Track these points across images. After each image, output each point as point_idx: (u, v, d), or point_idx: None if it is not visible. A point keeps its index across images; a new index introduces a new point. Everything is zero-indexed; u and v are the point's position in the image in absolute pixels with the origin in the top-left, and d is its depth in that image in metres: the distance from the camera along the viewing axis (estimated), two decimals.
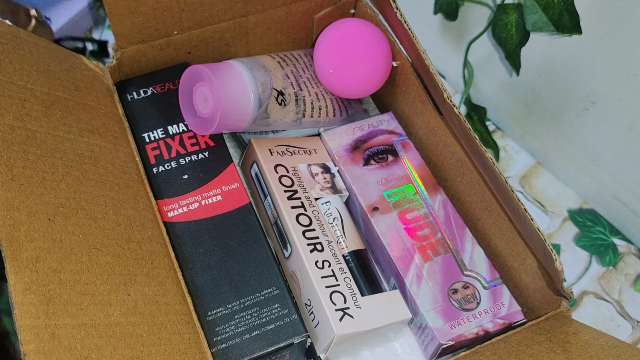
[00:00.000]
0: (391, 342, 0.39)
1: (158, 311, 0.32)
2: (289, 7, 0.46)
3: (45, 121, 0.35)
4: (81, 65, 0.40)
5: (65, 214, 0.33)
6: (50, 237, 0.31)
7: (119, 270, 0.33)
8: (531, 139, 0.52)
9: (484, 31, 0.50)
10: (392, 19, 0.44)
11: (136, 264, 0.33)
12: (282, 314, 0.35)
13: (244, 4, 0.43)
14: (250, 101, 0.39)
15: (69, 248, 0.32)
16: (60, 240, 0.32)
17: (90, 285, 0.31)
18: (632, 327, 0.45)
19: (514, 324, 0.37)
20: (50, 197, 0.33)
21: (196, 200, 0.38)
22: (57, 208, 0.33)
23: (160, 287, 0.33)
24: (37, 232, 0.31)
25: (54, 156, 0.34)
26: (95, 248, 0.33)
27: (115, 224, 0.34)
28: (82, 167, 0.35)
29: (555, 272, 0.33)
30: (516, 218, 0.36)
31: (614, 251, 0.49)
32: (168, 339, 0.32)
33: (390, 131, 0.44)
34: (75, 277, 0.31)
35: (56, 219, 0.32)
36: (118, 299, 0.31)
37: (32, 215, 0.31)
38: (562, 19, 0.43)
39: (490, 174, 0.36)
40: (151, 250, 0.34)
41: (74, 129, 0.36)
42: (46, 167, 0.33)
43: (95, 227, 0.33)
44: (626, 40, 0.41)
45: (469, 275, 0.38)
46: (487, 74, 0.52)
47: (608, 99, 0.44)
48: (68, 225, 0.32)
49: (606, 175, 0.48)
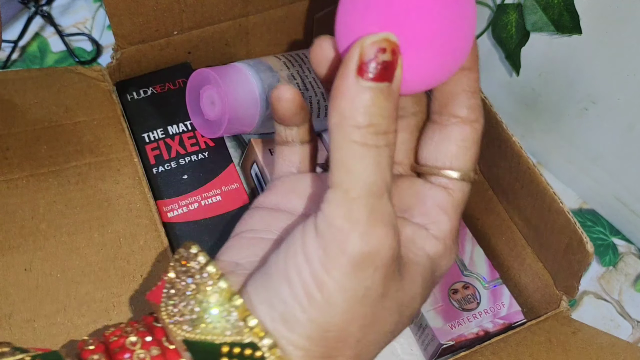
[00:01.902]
0: (391, 342, 0.39)
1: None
2: (289, 7, 0.46)
3: (28, 164, 0.36)
4: (73, 79, 0.40)
5: (43, 257, 0.34)
6: (25, 286, 0.32)
7: (100, 297, 0.33)
8: (531, 139, 0.52)
9: (484, 31, 0.50)
10: None
11: (121, 282, 0.33)
12: None
13: (244, 4, 0.43)
14: (258, 103, 0.39)
15: (45, 291, 0.32)
16: (36, 286, 0.33)
17: (66, 324, 0.32)
18: (632, 327, 0.45)
19: (513, 324, 0.37)
20: (28, 245, 0.34)
21: (196, 201, 0.38)
22: (35, 253, 0.34)
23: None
24: (12, 287, 0.32)
25: (35, 198, 0.35)
26: (75, 282, 0.33)
27: (100, 247, 0.34)
28: (67, 197, 0.35)
29: (583, 257, 0.32)
30: (534, 205, 0.35)
31: (614, 251, 0.49)
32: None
33: None
34: (50, 321, 0.32)
35: (33, 266, 0.33)
36: (97, 329, 0.32)
37: (8, 270, 0.33)
38: (562, 19, 0.43)
39: (516, 159, 0.36)
40: (142, 260, 0.34)
41: (60, 159, 0.37)
42: (25, 213, 0.34)
43: (76, 258, 0.34)
44: (626, 40, 0.41)
45: (469, 275, 0.38)
46: (486, 74, 0.52)
47: (608, 99, 0.44)
48: (45, 268, 0.33)
49: (606, 175, 0.48)
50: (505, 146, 0.36)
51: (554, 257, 0.36)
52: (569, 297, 0.36)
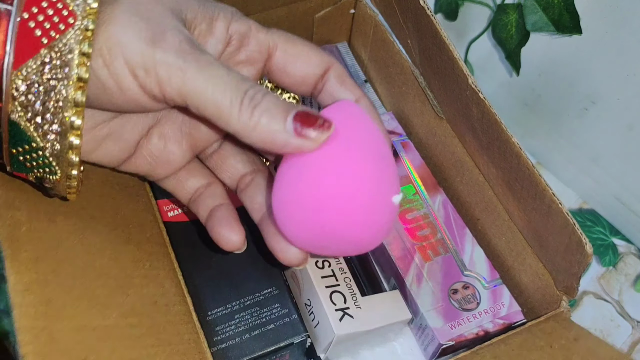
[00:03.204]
0: (391, 342, 0.39)
1: (157, 312, 0.32)
2: (289, 7, 0.46)
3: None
4: None
5: (66, 214, 0.33)
6: (50, 237, 0.31)
7: (115, 274, 0.33)
8: (531, 139, 0.52)
9: (484, 31, 0.50)
10: (392, 16, 0.44)
11: (134, 266, 0.33)
12: (282, 314, 0.35)
13: (244, 4, 0.43)
14: None
15: (66, 251, 0.32)
16: (59, 242, 0.32)
17: (86, 289, 0.31)
18: (632, 327, 0.45)
19: (513, 324, 0.37)
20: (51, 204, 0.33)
21: None
22: (58, 207, 0.33)
23: (159, 288, 0.33)
24: (38, 232, 0.31)
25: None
26: (91, 253, 0.33)
27: (113, 227, 0.34)
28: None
29: (583, 258, 0.33)
30: (534, 206, 0.35)
31: (614, 251, 0.49)
32: (167, 340, 0.32)
33: (391, 131, 0.44)
34: (72, 281, 0.31)
35: (57, 219, 0.32)
36: (116, 301, 0.31)
37: (33, 215, 0.31)
38: (562, 19, 0.43)
39: (515, 159, 0.36)
40: (150, 251, 0.34)
41: None
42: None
43: (93, 229, 0.33)
44: (626, 40, 0.41)
45: (469, 276, 0.38)
46: (487, 74, 0.52)
47: (608, 99, 0.44)
48: (68, 225, 0.32)
49: (606, 175, 0.48)
50: (505, 146, 0.36)
51: (554, 258, 0.36)
52: (569, 297, 0.36)
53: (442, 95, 0.41)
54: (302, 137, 0.25)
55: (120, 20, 0.25)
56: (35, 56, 0.24)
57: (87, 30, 0.24)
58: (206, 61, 0.25)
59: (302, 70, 0.30)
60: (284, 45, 0.30)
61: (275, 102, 0.25)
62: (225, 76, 0.25)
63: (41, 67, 0.24)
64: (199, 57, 0.25)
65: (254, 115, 0.25)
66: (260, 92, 0.25)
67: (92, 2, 0.24)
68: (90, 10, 0.24)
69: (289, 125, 0.25)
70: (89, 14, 0.24)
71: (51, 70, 0.24)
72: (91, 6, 0.24)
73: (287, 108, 0.25)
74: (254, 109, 0.25)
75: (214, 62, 0.25)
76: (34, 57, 0.24)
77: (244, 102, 0.25)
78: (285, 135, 0.25)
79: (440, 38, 0.37)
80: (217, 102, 0.25)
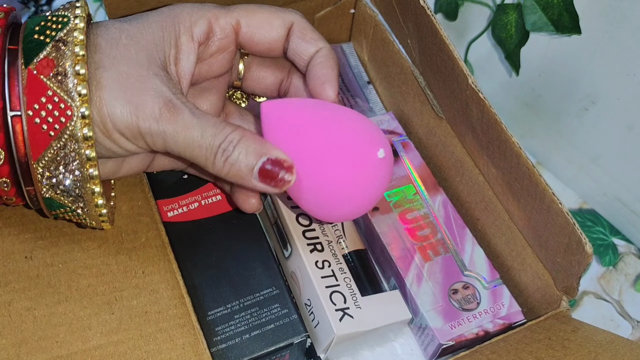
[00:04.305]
0: (391, 342, 0.39)
1: (146, 322, 0.32)
2: (289, 7, 0.46)
3: None
4: None
5: (45, 246, 0.34)
6: (25, 275, 0.32)
7: (102, 290, 0.33)
8: (531, 139, 0.52)
9: (484, 31, 0.50)
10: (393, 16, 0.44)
11: (124, 277, 0.33)
12: (282, 314, 0.35)
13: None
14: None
15: (46, 281, 0.32)
16: (37, 275, 0.32)
17: (67, 314, 0.32)
18: (632, 327, 0.45)
19: (514, 324, 0.37)
20: (29, 232, 0.34)
21: (196, 200, 0.38)
22: (36, 242, 0.34)
23: (151, 296, 0.33)
24: (12, 274, 0.32)
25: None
26: (76, 273, 0.33)
27: (102, 241, 0.34)
28: None
29: (582, 257, 0.33)
30: (533, 206, 0.36)
31: (614, 251, 0.49)
32: (157, 349, 0.32)
33: (391, 131, 0.44)
34: (51, 310, 0.32)
35: (33, 254, 0.33)
36: (99, 321, 0.32)
37: (8, 257, 0.32)
38: (561, 19, 0.43)
39: (515, 159, 0.36)
40: (144, 257, 0.35)
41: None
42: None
43: (78, 250, 0.34)
44: (626, 40, 0.41)
45: (469, 276, 0.38)
46: (486, 74, 0.52)
47: (608, 99, 0.44)
48: (47, 257, 0.33)
49: (606, 175, 0.48)
50: (505, 146, 0.36)
51: (554, 258, 0.36)
52: (569, 297, 0.36)
53: (442, 95, 0.41)
54: (266, 185, 0.30)
55: (105, 95, 0.29)
56: (47, 148, 0.29)
57: (84, 118, 0.28)
58: (183, 124, 0.29)
59: (268, 36, 0.34)
60: (245, 19, 0.33)
61: (246, 151, 0.30)
62: (199, 138, 0.29)
63: (55, 156, 0.29)
64: (177, 120, 0.29)
65: (225, 167, 0.30)
66: (233, 142, 0.29)
67: (82, 89, 0.28)
68: (83, 98, 0.28)
69: (254, 175, 0.30)
70: (83, 101, 0.28)
71: (64, 157, 0.29)
72: (81, 92, 0.28)
73: (255, 159, 0.30)
74: (225, 161, 0.30)
75: (190, 121, 0.29)
76: (46, 148, 0.29)
77: (217, 156, 0.30)
78: (254, 182, 0.30)
79: (440, 38, 0.37)
80: (195, 158, 0.30)
